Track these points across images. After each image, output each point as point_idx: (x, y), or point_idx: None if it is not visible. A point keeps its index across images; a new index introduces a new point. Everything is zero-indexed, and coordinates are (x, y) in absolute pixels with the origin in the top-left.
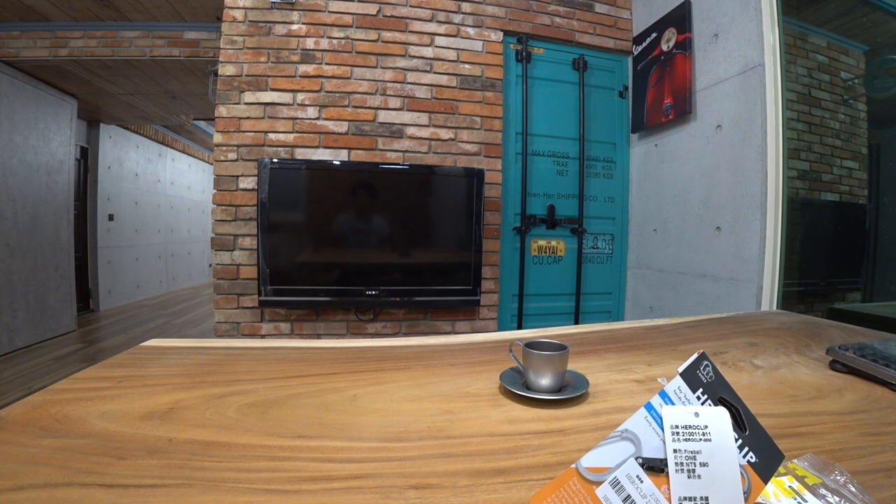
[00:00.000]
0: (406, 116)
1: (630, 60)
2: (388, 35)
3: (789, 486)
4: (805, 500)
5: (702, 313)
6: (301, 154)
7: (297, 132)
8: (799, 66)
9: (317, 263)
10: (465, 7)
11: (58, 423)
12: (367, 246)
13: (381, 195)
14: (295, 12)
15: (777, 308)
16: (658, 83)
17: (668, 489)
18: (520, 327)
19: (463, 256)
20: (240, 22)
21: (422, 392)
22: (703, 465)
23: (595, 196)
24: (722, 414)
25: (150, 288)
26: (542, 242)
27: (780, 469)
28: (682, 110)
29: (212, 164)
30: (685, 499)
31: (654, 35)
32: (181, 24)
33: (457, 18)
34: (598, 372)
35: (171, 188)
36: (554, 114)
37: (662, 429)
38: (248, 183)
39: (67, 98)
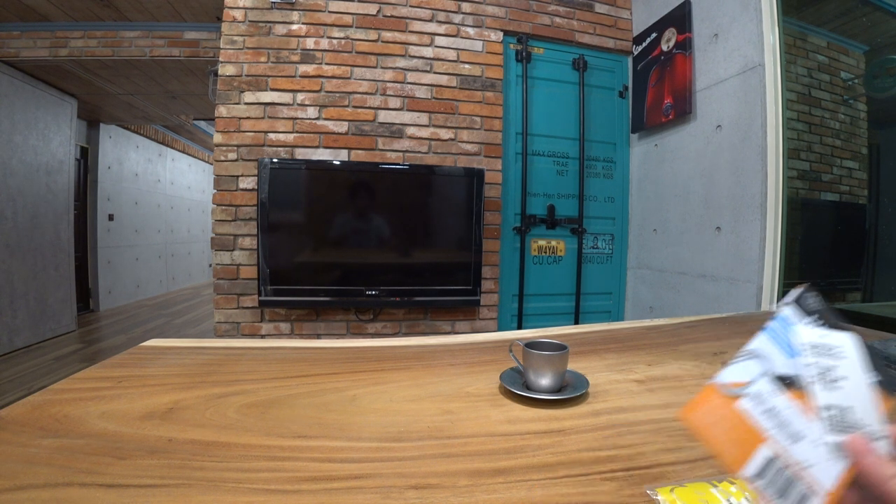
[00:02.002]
0: (406, 116)
1: (630, 60)
2: (388, 35)
3: None
4: None
5: (702, 313)
6: (301, 154)
7: (297, 132)
8: (799, 66)
9: (317, 263)
10: (465, 7)
11: (58, 423)
12: (367, 246)
13: (381, 195)
14: (295, 12)
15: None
16: (658, 83)
17: (805, 401)
18: (520, 327)
19: (463, 256)
20: (240, 22)
21: (422, 392)
22: (842, 377)
23: (595, 196)
24: (851, 337)
25: (150, 288)
26: (542, 242)
27: None
28: (682, 110)
29: (212, 164)
30: (827, 407)
31: (654, 35)
32: (181, 24)
33: (457, 18)
34: (598, 372)
35: (171, 188)
36: (554, 114)
37: (787, 349)
38: (248, 183)
39: (67, 98)
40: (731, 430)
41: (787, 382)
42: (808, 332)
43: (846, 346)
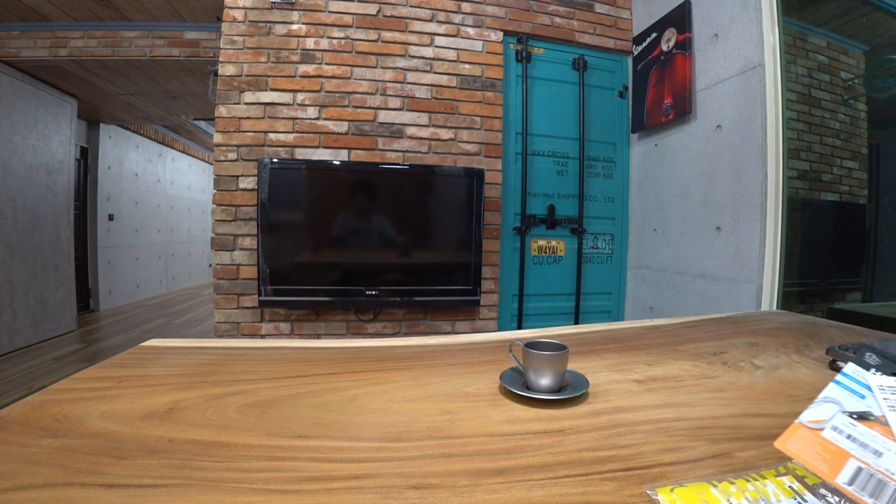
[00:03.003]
0: (406, 116)
1: (630, 60)
2: (388, 35)
3: (789, 486)
4: (805, 500)
5: (702, 313)
6: (301, 154)
7: (297, 132)
8: (799, 66)
9: (317, 263)
10: (465, 7)
11: (58, 423)
12: (367, 246)
13: (381, 195)
14: (295, 12)
15: (777, 308)
16: (658, 83)
17: (882, 428)
18: (520, 327)
19: (463, 256)
20: (240, 22)
21: (422, 392)
22: None
23: (595, 196)
24: None
25: (150, 288)
26: (542, 242)
27: (780, 469)
28: (682, 110)
29: (212, 164)
30: None
31: (654, 35)
32: (181, 24)
33: (457, 18)
34: (598, 372)
35: (171, 188)
36: (554, 114)
37: (856, 394)
38: (248, 183)
39: (67, 98)
40: (820, 452)
41: (861, 417)
42: (878, 379)
43: None
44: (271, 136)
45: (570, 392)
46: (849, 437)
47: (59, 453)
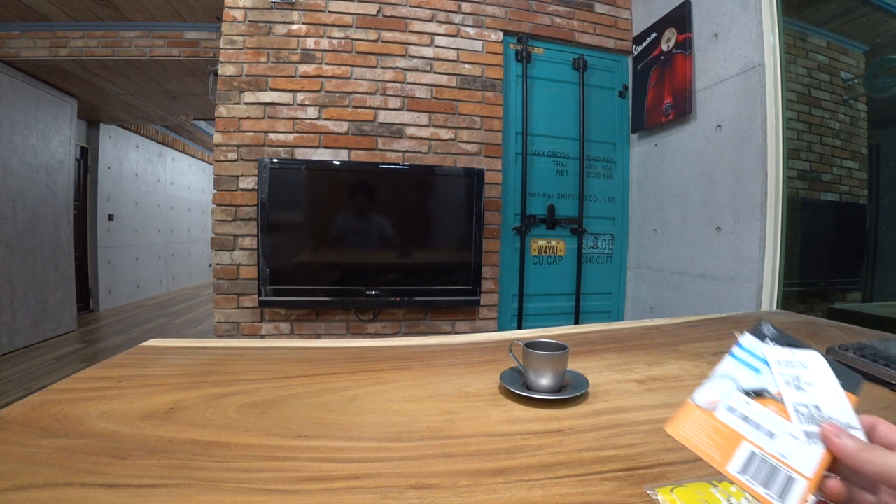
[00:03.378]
0: (406, 116)
1: (630, 60)
2: (388, 35)
3: None
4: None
5: (702, 313)
6: (301, 154)
7: (297, 132)
8: (799, 66)
9: (317, 263)
10: (465, 7)
11: (58, 423)
12: (366, 246)
13: (381, 195)
14: (295, 12)
15: (777, 308)
16: (658, 83)
17: (776, 406)
18: (520, 327)
19: (463, 256)
20: (240, 22)
21: (422, 392)
22: (808, 384)
23: (595, 196)
24: (815, 354)
25: (150, 288)
26: (542, 242)
27: None
28: (682, 110)
29: (212, 164)
30: (799, 405)
31: (654, 35)
32: (181, 24)
33: (457, 18)
34: (598, 372)
35: (171, 188)
36: (554, 114)
37: (752, 368)
38: (248, 183)
39: (67, 98)
40: (713, 436)
41: (757, 394)
42: (775, 351)
43: (810, 360)
44: (271, 136)
45: (570, 392)
46: (744, 417)
47: (59, 453)
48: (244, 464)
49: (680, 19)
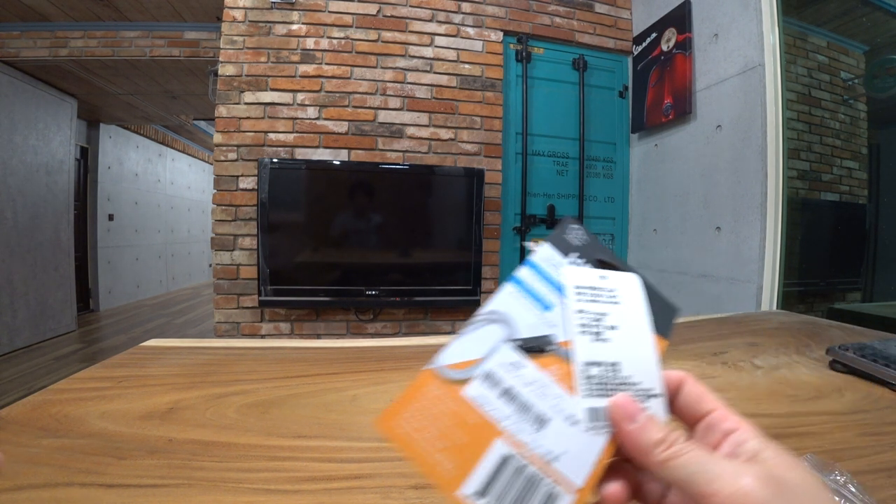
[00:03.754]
0: (406, 116)
1: (630, 60)
2: (388, 35)
3: None
4: None
5: (702, 313)
6: (301, 154)
7: (297, 132)
8: (799, 66)
9: (317, 263)
10: (465, 7)
11: (58, 423)
12: (366, 246)
13: (381, 195)
14: (295, 12)
15: (777, 308)
16: (658, 83)
17: (560, 367)
18: None
19: (463, 256)
20: (240, 22)
21: None
22: (612, 328)
23: (595, 196)
24: (630, 278)
25: (150, 288)
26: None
27: None
28: (682, 110)
29: (212, 164)
30: (591, 364)
31: (654, 35)
32: (181, 24)
33: (457, 18)
34: None
35: (171, 188)
36: (554, 114)
37: (539, 302)
38: (248, 183)
39: (67, 98)
40: (452, 432)
41: (537, 347)
42: (575, 274)
43: (623, 287)
44: (271, 136)
45: None
46: (505, 392)
47: (59, 453)
48: (244, 464)
49: (680, 19)
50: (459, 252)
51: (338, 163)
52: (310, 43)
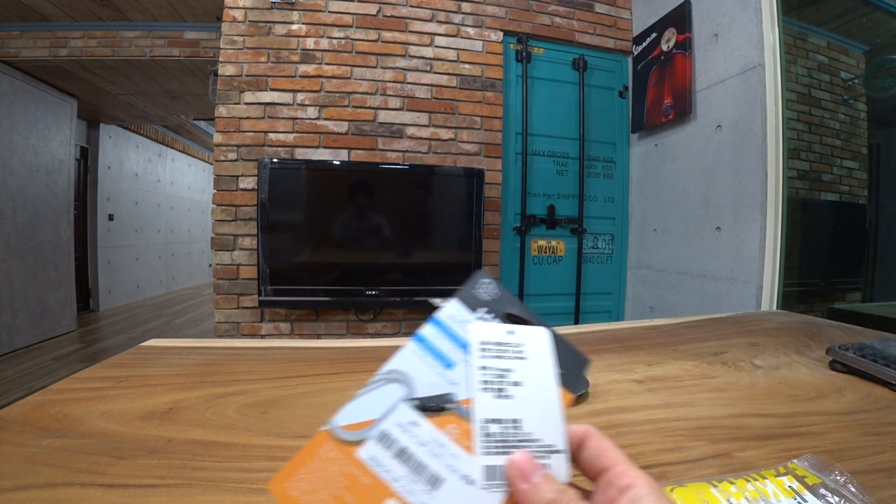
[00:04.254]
0: (406, 116)
1: (630, 60)
2: (388, 35)
3: (789, 486)
4: (805, 500)
5: (702, 313)
6: (301, 154)
7: (297, 132)
8: (799, 66)
9: (317, 263)
10: (465, 7)
11: (58, 423)
12: (366, 246)
13: (381, 195)
14: (295, 12)
15: (777, 308)
16: (658, 83)
17: (456, 427)
18: None
19: (463, 256)
20: (240, 22)
21: None
22: (516, 384)
23: (595, 196)
24: (539, 332)
25: (150, 288)
26: (542, 242)
27: (780, 469)
28: (682, 110)
29: (212, 164)
30: (491, 421)
31: (654, 35)
32: (181, 24)
33: (457, 18)
34: (598, 372)
35: (171, 188)
36: (554, 114)
37: (441, 359)
38: (248, 183)
39: (67, 98)
40: (344, 493)
41: (436, 406)
42: (482, 330)
43: (529, 344)
44: (271, 136)
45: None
46: (400, 453)
47: (59, 453)
48: (244, 464)
49: (680, 19)
50: (459, 252)
51: (338, 163)
52: (310, 43)
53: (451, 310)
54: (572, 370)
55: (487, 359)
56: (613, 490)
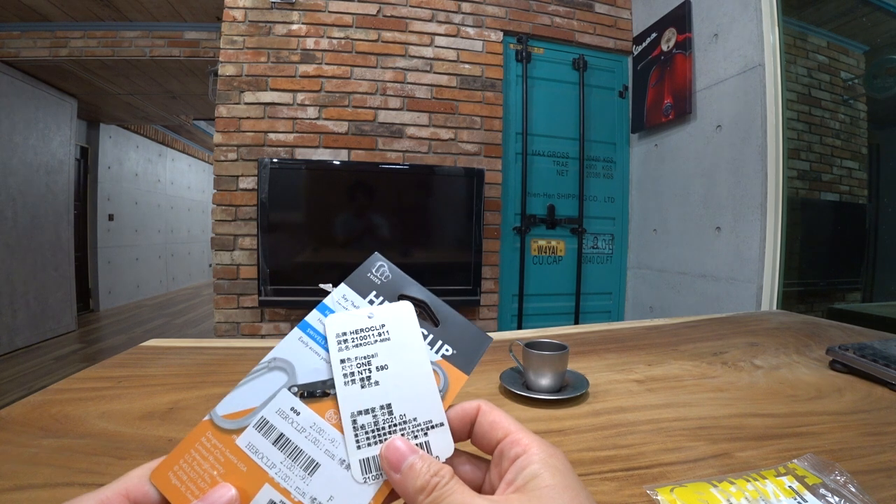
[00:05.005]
0: (406, 116)
1: (630, 60)
2: (388, 35)
3: (789, 486)
4: (805, 500)
5: (702, 313)
6: (301, 154)
7: (297, 132)
8: (799, 66)
9: (317, 263)
10: (465, 7)
11: (58, 423)
12: (366, 246)
13: (381, 195)
14: (295, 12)
15: (777, 308)
16: (658, 83)
17: (335, 412)
18: (520, 327)
19: (463, 256)
20: (240, 22)
21: None
22: (382, 368)
23: (595, 196)
24: (402, 308)
25: (150, 288)
26: (542, 242)
27: (780, 469)
28: (682, 110)
29: (212, 164)
30: (361, 412)
31: (654, 35)
32: (181, 24)
33: (457, 18)
34: (598, 372)
35: (171, 188)
36: (554, 114)
37: (324, 345)
38: (248, 183)
39: (67, 98)
40: (221, 479)
41: (319, 391)
42: (345, 320)
43: (392, 322)
44: (271, 136)
45: (570, 392)
46: (279, 439)
47: (59, 453)
48: None
49: (680, 19)
50: (459, 252)
51: (338, 163)
52: (310, 43)
53: (337, 295)
54: (467, 350)
55: (348, 350)
56: (506, 460)
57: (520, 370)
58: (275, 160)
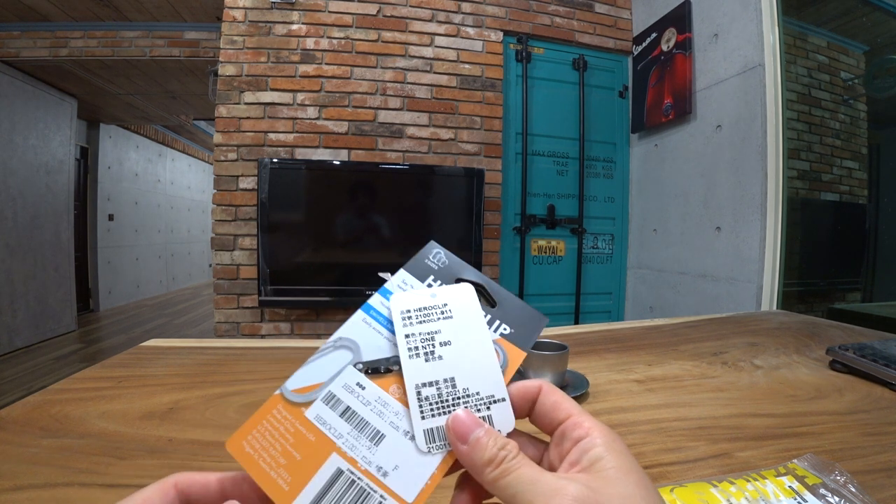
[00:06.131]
0: (406, 116)
1: (630, 60)
2: (388, 35)
3: (789, 486)
4: (805, 500)
5: (702, 313)
6: (301, 154)
7: (297, 132)
8: (799, 66)
9: (317, 263)
10: (465, 7)
11: (58, 423)
12: (366, 246)
13: (381, 195)
14: (295, 12)
15: (777, 308)
16: (658, 83)
17: (399, 387)
18: None
19: (463, 256)
20: (240, 22)
21: None
22: (445, 344)
23: (595, 196)
24: (463, 288)
25: (150, 288)
26: (542, 242)
27: (780, 469)
28: (682, 110)
29: (212, 164)
30: (425, 384)
31: (654, 35)
32: (181, 24)
33: (457, 18)
34: (598, 372)
35: (171, 188)
36: (554, 114)
37: (387, 325)
38: (248, 183)
39: (67, 98)
40: (292, 450)
41: (383, 368)
42: (409, 298)
43: (455, 302)
44: (271, 136)
45: (569, 392)
46: (346, 411)
47: (59, 453)
48: None
49: (680, 19)
50: (459, 252)
51: (338, 163)
52: (310, 43)
53: (398, 280)
54: (524, 328)
55: (412, 325)
56: (568, 442)
57: (520, 370)
58: (275, 160)
